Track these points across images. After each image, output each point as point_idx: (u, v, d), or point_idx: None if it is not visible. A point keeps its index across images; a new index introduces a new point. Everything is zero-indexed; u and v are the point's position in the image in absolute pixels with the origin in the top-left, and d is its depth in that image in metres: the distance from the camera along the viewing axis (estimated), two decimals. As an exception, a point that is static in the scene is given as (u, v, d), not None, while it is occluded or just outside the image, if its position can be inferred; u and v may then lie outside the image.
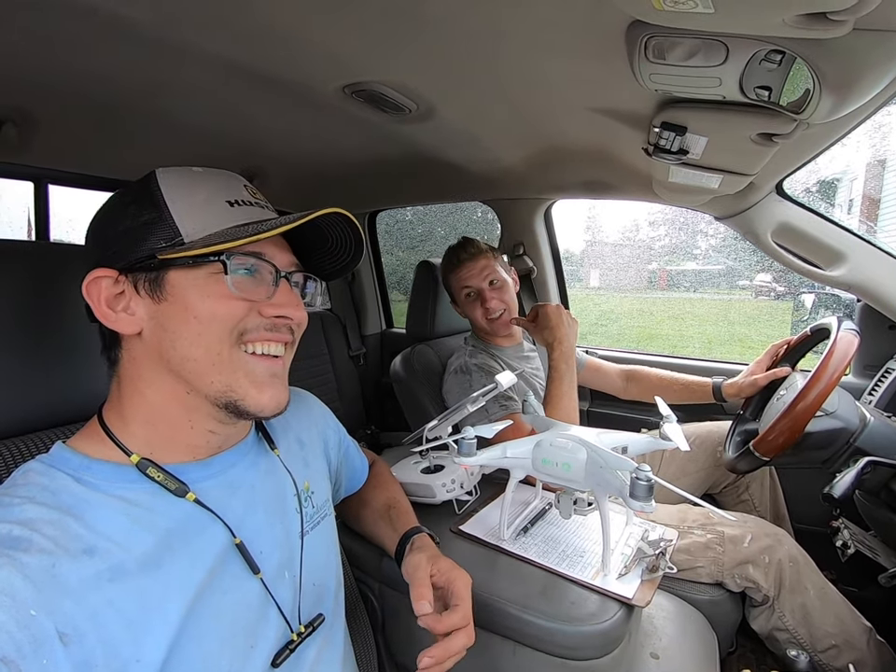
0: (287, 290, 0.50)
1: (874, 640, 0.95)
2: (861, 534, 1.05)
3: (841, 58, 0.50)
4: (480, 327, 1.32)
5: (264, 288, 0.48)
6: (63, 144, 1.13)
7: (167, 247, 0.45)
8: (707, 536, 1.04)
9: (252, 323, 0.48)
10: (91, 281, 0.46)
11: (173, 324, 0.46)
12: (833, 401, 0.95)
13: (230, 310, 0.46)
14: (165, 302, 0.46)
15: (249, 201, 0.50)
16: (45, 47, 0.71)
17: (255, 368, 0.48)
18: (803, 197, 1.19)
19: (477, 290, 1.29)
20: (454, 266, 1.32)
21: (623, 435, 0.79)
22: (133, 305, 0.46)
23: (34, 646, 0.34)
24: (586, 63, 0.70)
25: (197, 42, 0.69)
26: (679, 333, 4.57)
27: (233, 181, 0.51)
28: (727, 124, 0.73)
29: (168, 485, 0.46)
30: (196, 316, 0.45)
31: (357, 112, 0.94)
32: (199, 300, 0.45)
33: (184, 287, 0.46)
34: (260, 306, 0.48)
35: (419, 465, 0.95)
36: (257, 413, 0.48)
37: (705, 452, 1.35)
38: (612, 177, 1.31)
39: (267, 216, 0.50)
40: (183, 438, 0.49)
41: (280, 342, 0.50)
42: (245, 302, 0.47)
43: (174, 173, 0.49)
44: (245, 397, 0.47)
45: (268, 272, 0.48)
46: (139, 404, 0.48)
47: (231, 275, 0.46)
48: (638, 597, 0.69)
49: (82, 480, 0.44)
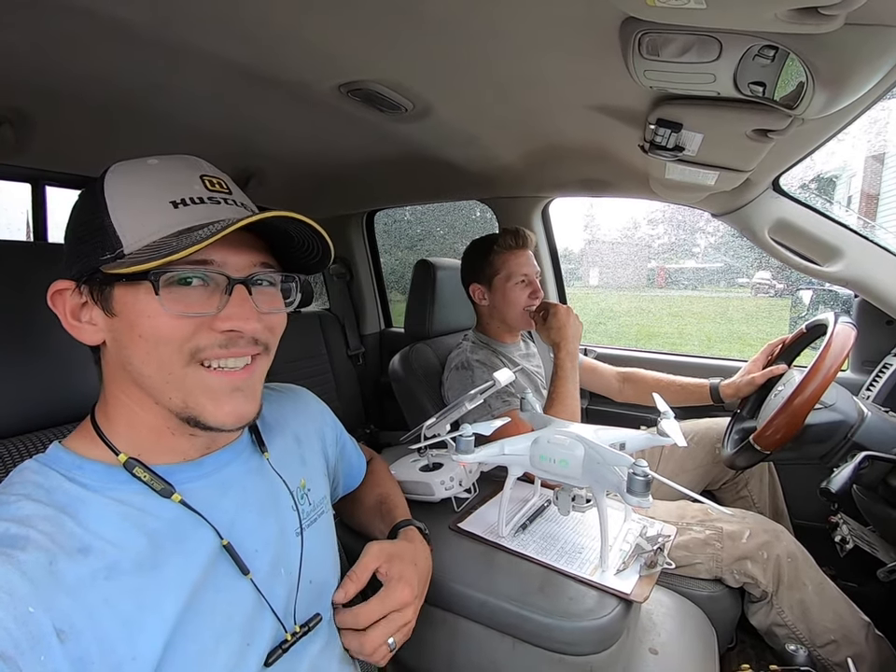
0: (239, 300, 0.45)
1: (872, 635, 0.95)
2: (860, 529, 1.05)
3: (833, 53, 0.50)
4: (512, 315, 1.31)
5: (216, 299, 0.44)
6: (61, 145, 1.14)
7: (110, 260, 0.42)
8: (706, 532, 1.04)
9: (205, 340, 0.44)
10: (55, 293, 0.45)
11: (124, 340, 0.44)
12: (832, 395, 0.96)
13: (173, 331, 0.43)
14: (115, 318, 0.44)
15: (200, 197, 0.45)
16: (42, 48, 0.71)
17: (212, 384, 0.45)
18: (800, 193, 1.19)
19: (530, 279, 1.30)
20: (511, 248, 1.30)
21: (621, 431, 0.80)
22: (94, 316, 0.45)
23: (31, 642, 0.34)
24: (581, 60, 0.71)
25: (193, 42, 0.69)
26: (679, 331, 4.58)
27: (188, 172, 0.47)
28: (722, 120, 0.73)
29: (154, 486, 0.45)
30: (141, 335, 0.43)
31: (353, 111, 0.94)
32: (141, 318, 0.43)
33: (127, 303, 0.43)
34: (212, 320, 0.44)
35: (417, 463, 0.95)
36: (218, 427, 0.46)
37: (703, 449, 1.35)
38: (609, 175, 1.32)
39: (219, 214, 0.45)
40: (167, 442, 0.48)
41: (238, 356, 0.46)
42: (191, 319, 0.43)
43: (123, 170, 0.45)
44: (202, 413, 0.45)
45: (220, 280, 0.45)
46: (119, 408, 0.47)
47: (165, 294, 0.42)
48: (636, 593, 0.70)
49: (75, 479, 0.44)
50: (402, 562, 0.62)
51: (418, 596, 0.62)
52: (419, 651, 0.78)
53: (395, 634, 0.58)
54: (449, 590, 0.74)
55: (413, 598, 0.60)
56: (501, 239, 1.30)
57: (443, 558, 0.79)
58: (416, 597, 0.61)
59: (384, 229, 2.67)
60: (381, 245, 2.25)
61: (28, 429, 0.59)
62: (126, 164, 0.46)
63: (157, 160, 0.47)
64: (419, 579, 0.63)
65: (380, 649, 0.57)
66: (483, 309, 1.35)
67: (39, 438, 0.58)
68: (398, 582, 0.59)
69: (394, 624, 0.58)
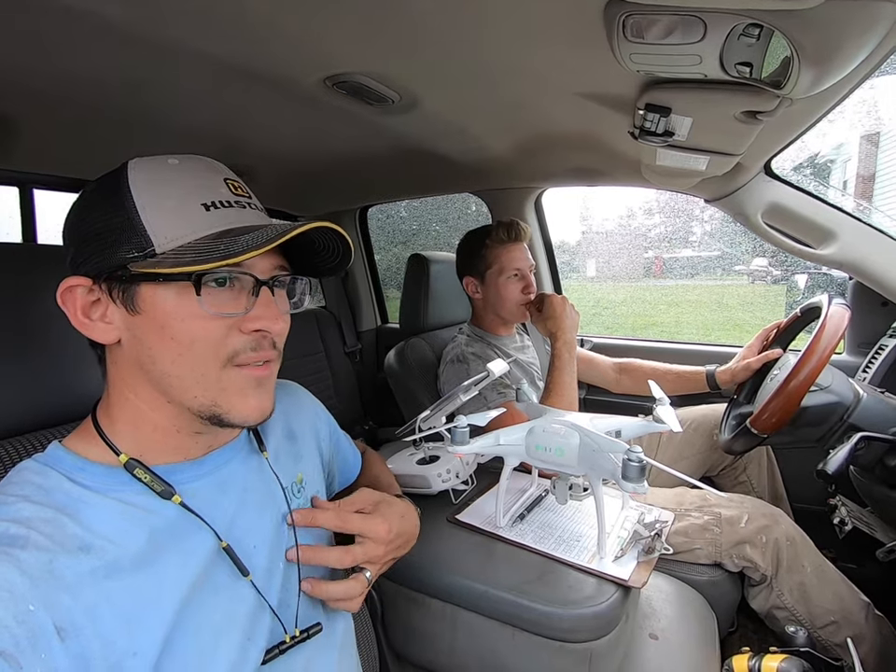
0: (266, 301, 0.47)
1: (872, 615, 0.96)
2: (858, 510, 1.06)
3: (818, 30, 0.50)
4: (506, 309, 1.30)
5: (242, 300, 0.46)
6: (47, 147, 1.13)
7: (139, 258, 0.42)
8: (705, 517, 1.04)
9: (239, 344, 0.46)
10: (66, 290, 0.44)
11: (150, 340, 0.44)
12: (827, 377, 0.96)
13: (208, 332, 0.44)
14: (139, 316, 0.44)
15: (228, 201, 0.46)
16: (23, 48, 0.70)
17: (241, 381, 0.47)
18: (792, 176, 1.19)
19: (523, 273, 1.30)
20: (503, 242, 1.29)
21: (617, 419, 0.80)
22: (109, 314, 0.45)
23: (31, 640, 0.34)
24: (567, 46, 0.70)
25: (172, 38, 0.68)
26: (676, 320, 4.57)
27: (212, 175, 0.48)
28: (711, 103, 0.73)
29: (154, 487, 0.45)
30: (174, 337, 0.43)
31: (340, 105, 0.93)
32: (174, 320, 0.43)
33: (156, 302, 0.43)
34: (240, 322, 0.45)
35: (414, 456, 0.95)
36: (241, 423, 0.47)
37: (701, 435, 1.36)
38: (601, 163, 1.31)
39: (246, 219, 0.47)
40: (171, 441, 0.48)
41: (263, 360, 0.48)
42: (223, 320, 0.44)
43: (145, 167, 0.45)
44: (230, 410, 0.46)
45: (247, 281, 0.46)
46: (125, 407, 0.47)
47: (204, 295, 0.43)
48: (634, 579, 0.70)
49: (76, 480, 0.44)
50: (389, 508, 0.61)
51: (394, 545, 0.60)
52: (421, 644, 0.79)
53: (368, 564, 0.56)
54: (449, 582, 0.74)
55: (387, 536, 0.58)
56: (494, 232, 1.30)
57: (442, 550, 0.79)
58: (392, 542, 0.59)
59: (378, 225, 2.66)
60: (375, 241, 2.24)
61: (27, 429, 0.59)
62: (146, 162, 0.46)
63: (176, 159, 0.47)
64: (400, 532, 0.61)
65: (358, 577, 0.55)
66: (478, 302, 1.35)
67: (38, 438, 0.58)
68: (378, 517, 0.59)
69: (367, 549, 0.56)
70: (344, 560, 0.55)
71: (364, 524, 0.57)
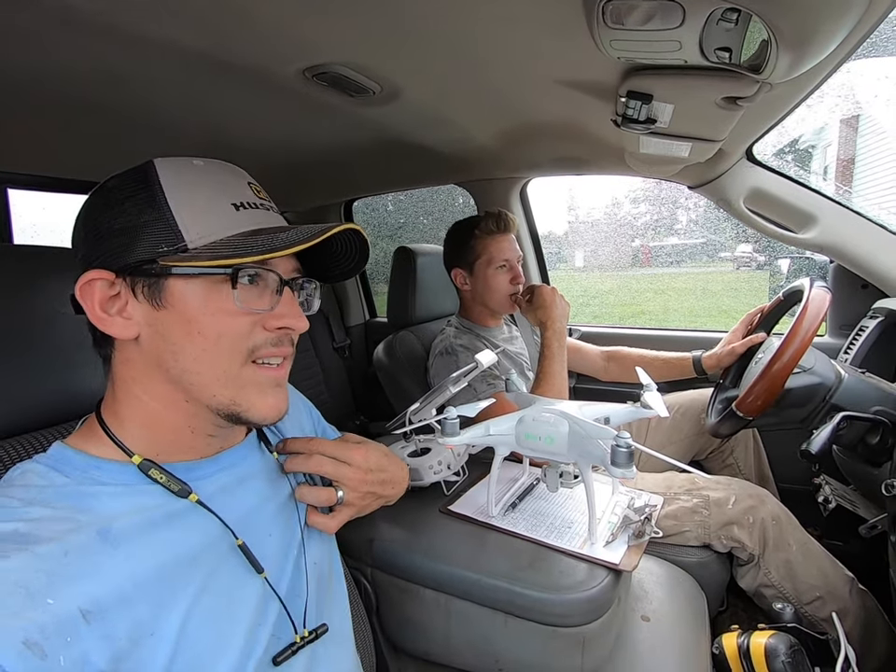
0: (289, 300, 0.48)
1: (856, 589, 0.98)
2: (842, 488, 1.08)
3: (794, 13, 0.50)
4: (494, 300, 1.30)
5: (267, 298, 0.46)
6: (21, 145, 1.10)
7: (170, 253, 0.42)
8: (693, 500, 1.06)
9: (260, 339, 0.46)
10: (86, 283, 0.43)
11: (174, 335, 0.44)
12: (810, 359, 0.97)
13: (236, 328, 0.45)
14: (164, 310, 0.44)
15: (254, 202, 0.48)
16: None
17: (261, 380, 0.48)
18: (774, 162, 1.20)
19: (511, 264, 1.29)
20: (492, 232, 1.28)
21: (605, 406, 0.80)
22: (129, 309, 0.44)
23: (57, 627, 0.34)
24: (547, 33, 0.69)
25: (145, 28, 0.66)
26: (664, 307, 4.61)
27: (236, 178, 0.49)
28: (691, 90, 0.73)
29: (171, 487, 0.46)
30: (201, 332, 0.44)
31: (321, 97, 0.92)
32: (203, 315, 0.44)
33: (185, 296, 0.43)
34: (264, 319, 0.46)
35: (406, 449, 0.95)
36: (259, 422, 0.48)
37: (689, 420, 1.38)
38: (585, 152, 1.31)
39: (273, 220, 0.48)
40: (185, 441, 0.49)
41: (282, 356, 0.49)
42: (250, 316, 0.45)
43: (173, 166, 0.46)
44: (249, 409, 0.47)
45: (272, 280, 0.47)
46: (135, 408, 0.47)
47: (238, 289, 0.44)
48: (625, 562, 0.71)
49: (92, 478, 0.43)
50: (372, 444, 0.65)
51: (373, 476, 0.62)
52: (416, 634, 0.79)
53: (341, 484, 0.59)
54: (442, 571, 0.74)
55: (364, 463, 0.61)
56: (483, 223, 1.29)
57: (435, 541, 0.79)
58: (370, 472, 0.62)
59: (363, 219, 2.64)
60: (362, 235, 2.23)
61: (27, 429, 0.58)
62: (172, 162, 0.46)
63: (201, 161, 0.48)
64: (381, 467, 0.64)
65: (330, 490, 0.58)
66: (466, 294, 1.35)
67: (38, 438, 0.57)
68: (356, 445, 0.63)
69: (340, 468, 0.59)
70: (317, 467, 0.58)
71: (338, 447, 0.60)
